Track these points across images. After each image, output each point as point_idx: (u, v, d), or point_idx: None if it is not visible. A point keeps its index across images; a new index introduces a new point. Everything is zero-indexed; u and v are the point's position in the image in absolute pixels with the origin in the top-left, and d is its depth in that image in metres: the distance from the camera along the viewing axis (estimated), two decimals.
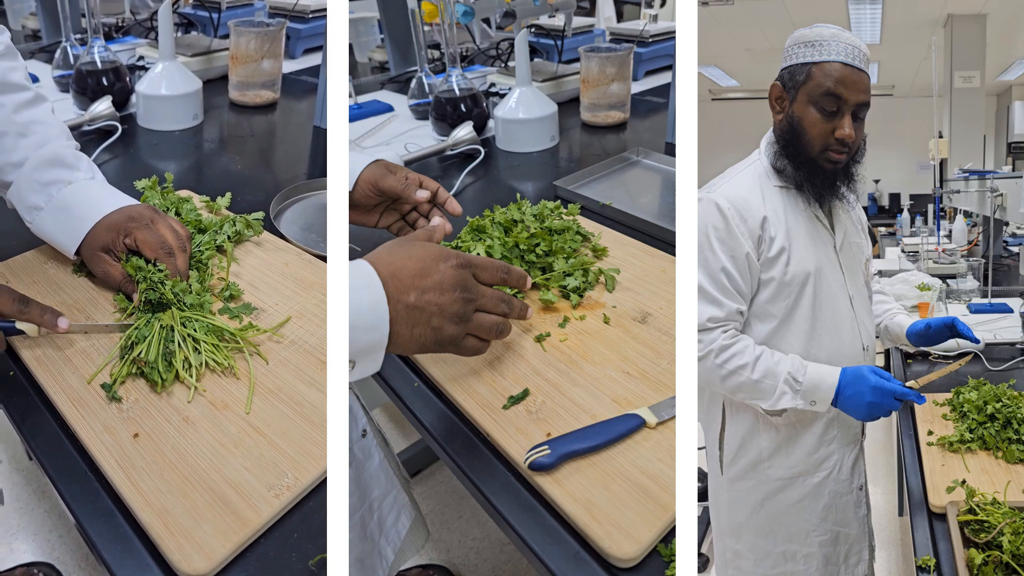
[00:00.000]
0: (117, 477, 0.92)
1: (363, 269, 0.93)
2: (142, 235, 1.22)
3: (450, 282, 0.98)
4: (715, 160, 1.58)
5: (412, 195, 1.28)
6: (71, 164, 1.30)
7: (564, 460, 0.95)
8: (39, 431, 1.02)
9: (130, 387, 1.05)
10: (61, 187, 1.28)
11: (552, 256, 1.32)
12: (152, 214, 1.27)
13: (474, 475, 0.98)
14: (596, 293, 1.30)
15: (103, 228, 1.24)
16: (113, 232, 1.24)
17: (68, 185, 1.28)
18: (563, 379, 1.10)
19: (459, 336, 1.00)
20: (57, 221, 1.27)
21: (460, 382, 1.10)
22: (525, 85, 2.03)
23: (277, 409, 1.03)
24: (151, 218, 1.26)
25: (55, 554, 2.09)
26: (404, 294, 0.94)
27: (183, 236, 1.28)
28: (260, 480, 0.92)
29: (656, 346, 1.16)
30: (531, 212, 1.43)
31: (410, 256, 0.98)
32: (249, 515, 0.88)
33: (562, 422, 1.02)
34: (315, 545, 0.88)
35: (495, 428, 1.02)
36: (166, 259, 1.21)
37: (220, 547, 0.85)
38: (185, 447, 0.97)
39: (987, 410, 1.42)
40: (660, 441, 0.99)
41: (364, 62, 3.41)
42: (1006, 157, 4.80)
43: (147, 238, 1.22)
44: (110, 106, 1.99)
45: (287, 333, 1.17)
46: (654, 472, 0.95)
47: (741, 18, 5.01)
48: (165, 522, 0.87)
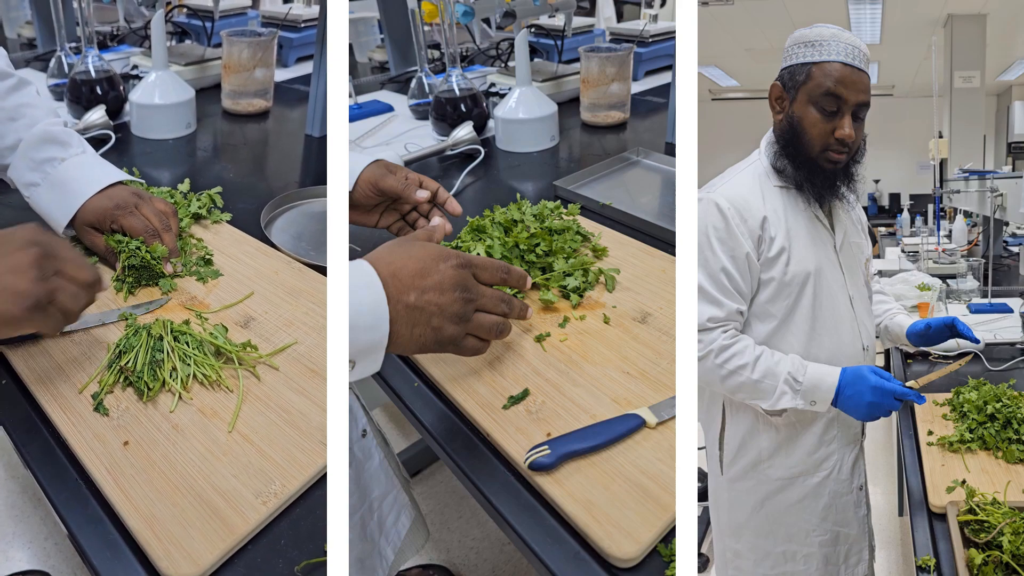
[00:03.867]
0: (107, 484, 0.93)
1: (363, 269, 0.93)
2: (127, 222, 1.30)
3: (450, 282, 0.98)
4: (715, 160, 1.58)
5: (412, 195, 1.28)
6: (63, 141, 1.37)
7: (564, 460, 0.95)
8: (31, 439, 1.02)
9: (121, 396, 1.06)
10: (55, 164, 1.34)
11: (552, 256, 1.32)
12: (136, 199, 1.33)
13: (474, 475, 0.98)
14: (596, 293, 1.29)
15: (90, 210, 1.32)
16: (99, 216, 1.31)
17: (62, 162, 1.35)
18: (563, 379, 1.10)
19: (459, 336, 0.99)
20: (51, 196, 1.34)
21: (460, 382, 1.10)
22: (525, 85, 2.03)
23: (265, 417, 1.03)
24: (135, 204, 1.32)
25: (50, 562, 2.09)
26: (404, 294, 0.94)
27: (168, 214, 1.35)
28: (248, 487, 0.93)
29: (656, 346, 1.16)
30: (531, 212, 1.43)
31: (410, 256, 0.97)
32: (237, 522, 0.89)
33: (562, 422, 1.02)
34: (302, 551, 0.88)
35: (495, 428, 1.02)
36: (153, 241, 1.29)
37: (208, 553, 0.85)
38: (174, 455, 0.97)
39: (987, 410, 1.42)
40: (660, 441, 0.99)
41: (364, 62, 3.41)
42: (1006, 157, 4.80)
43: (132, 224, 1.30)
44: (104, 115, 2.00)
45: (277, 341, 1.17)
46: (654, 472, 0.94)
47: (741, 18, 5.01)
48: (153, 529, 0.87)
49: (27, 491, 2.29)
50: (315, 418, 1.03)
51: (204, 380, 1.08)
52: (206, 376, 1.08)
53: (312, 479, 0.96)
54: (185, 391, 1.06)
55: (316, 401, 1.06)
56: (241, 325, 1.20)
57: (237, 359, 1.11)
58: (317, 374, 1.11)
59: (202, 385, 1.08)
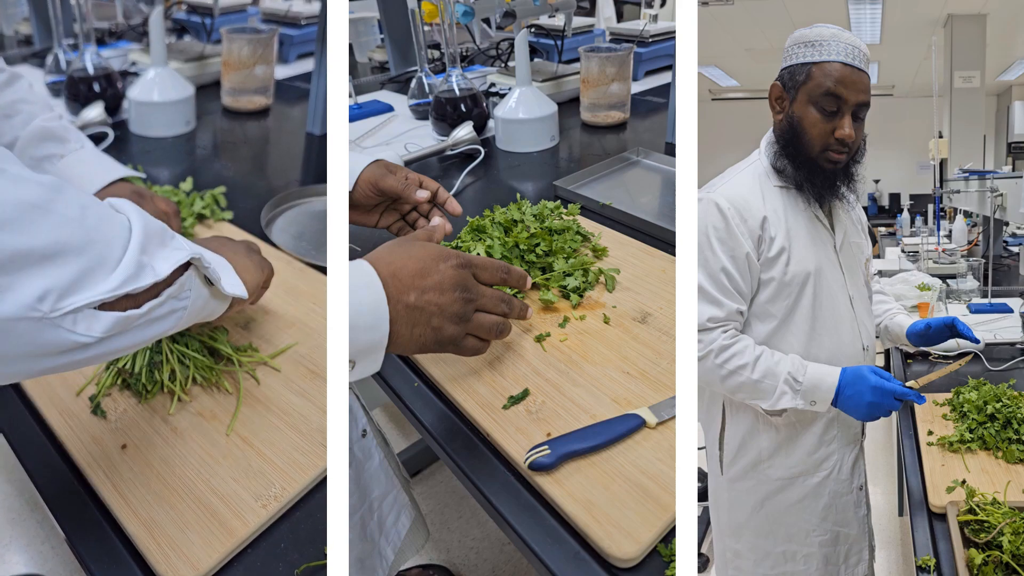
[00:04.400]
0: (105, 488, 0.93)
1: (363, 269, 0.93)
2: None
3: (450, 282, 0.98)
4: (715, 160, 1.58)
5: (412, 195, 1.28)
6: (61, 137, 1.36)
7: (564, 460, 0.95)
8: (27, 442, 1.01)
9: (119, 399, 1.05)
10: (55, 161, 1.33)
11: (552, 256, 1.32)
12: (137, 198, 1.31)
13: (474, 475, 0.98)
14: (596, 293, 1.29)
15: None
16: None
17: (61, 159, 1.33)
18: (563, 379, 1.10)
19: (459, 336, 0.99)
20: None
21: (460, 382, 1.10)
22: (525, 85, 2.02)
23: (265, 419, 1.03)
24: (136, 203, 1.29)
25: (48, 565, 2.08)
26: (404, 294, 0.94)
27: (169, 214, 1.34)
28: (247, 490, 0.93)
29: (656, 346, 1.16)
30: (531, 212, 1.43)
31: (410, 256, 0.97)
32: (236, 525, 0.89)
33: (562, 422, 1.02)
34: (302, 554, 0.88)
35: (495, 428, 1.02)
36: None
37: (207, 557, 0.85)
38: (173, 458, 0.97)
39: (987, 410, 1.42)
40: (660, 441, 0.99)
41: (364, 62, 3.41)
42: (1006, 157, 4.79)
43: None
44: (102, 112, 2.00)
45: (277, 343, 1.17)
46: (654, 472, 0.94)
47: (741, 18, 5.01)
48: (152, 532, 0.87)
49: (24, 494, 2.29)
50: (315, 420, 1.03)
51: (203, 382, 1.08)
52: (205, 378, 1.08)
53: (312, 482, 0.96)
54: (184, 393, 1.05)
55: (316, 403, 1.06)
56: (241, 326, 1.20)
57: (236, 361, 1.11)
58: (317, 375, 1.11)
59: (201, 387, 1.08)
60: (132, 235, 0.78)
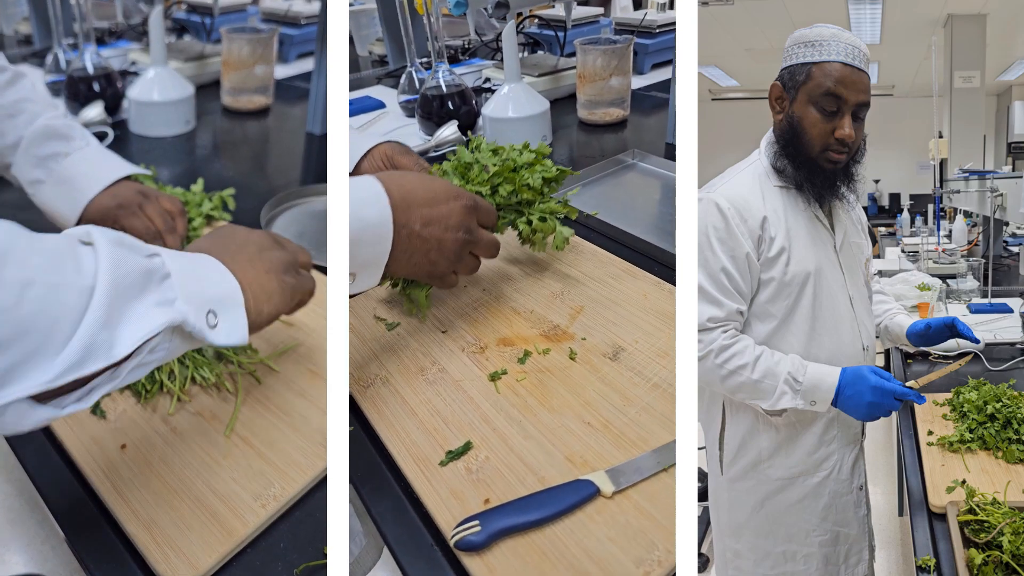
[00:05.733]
0: (104, 488, 0.93)
1: (373, 187, 0.92)
2: (128, 222, 1.27)
3: (456, 220, 0.99)
4: (715, 160, 1.57)
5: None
6: (65, 135, 1.34)
7: (498, 538, 0.83)
8: (27, 441, 1.01)
9: (118, 399, 1.05)
10: (60, 159, 1.31)
11: (517, 196, 1.21)
12: (140, 198, 1.30)
13: (397, 547, 0.88)
14: (565, 322, 1.18)
15: (93, 209, 1.29)
16: (101, 215, 1.29)
17: (66, 157, 1.32)
18: (514, 429, 0.98)
19: (447, 273, 1.02)
20: (57, 194, 1.31)
21: (397, 426, 1.00)
22: (515, 81, 1.92)
23: (265, 419, 1.03)
24: (139, 203, 1.30)
25: (48, 565, 2.08)
26: (411, 220, 0.95)
27: (174, 213, 1.32)
28: (247, 490, 0.93)
29: (625, 390, 1.04)
30: (488, 148, 1.28)
31: (422, 185, 0.98)
32: (235, 525, 0.89)
33: (505, 484, 0.90)
34: (301, 555, 0.88)
35: (427, 491, 0.91)
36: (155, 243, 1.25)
37: (206, 557, 0.85)
38: (172, 458, 0.97)
39: (987, 410, 1.42)
40: (615, 515, 0.86)
41: (365, 55, 3.38)
42: (1006, 157, 4.79)
43: (134, 225, 1.27)
44: (102, 111, 2.00)
45: (278, 342, 1.16)
46: (601, 555, 0.81)
47: (741, 18, 5.00)
48: (151, 532, 0.87)
49: (24, 494, 2.28)
50: (315, 420, 1.03)
51: (203, 382, 1.08)
52: (204, 378, 1.08)
53: (312, 482, 0.95)
54: (183, 394, 1.05)
55: (316, 403, 1.06)
56: None
57: (236, 362, 1.11)
58: (317, 375, 1.11)
59: (201, 387, 1.08)
60: (93, 299, 0.65)
